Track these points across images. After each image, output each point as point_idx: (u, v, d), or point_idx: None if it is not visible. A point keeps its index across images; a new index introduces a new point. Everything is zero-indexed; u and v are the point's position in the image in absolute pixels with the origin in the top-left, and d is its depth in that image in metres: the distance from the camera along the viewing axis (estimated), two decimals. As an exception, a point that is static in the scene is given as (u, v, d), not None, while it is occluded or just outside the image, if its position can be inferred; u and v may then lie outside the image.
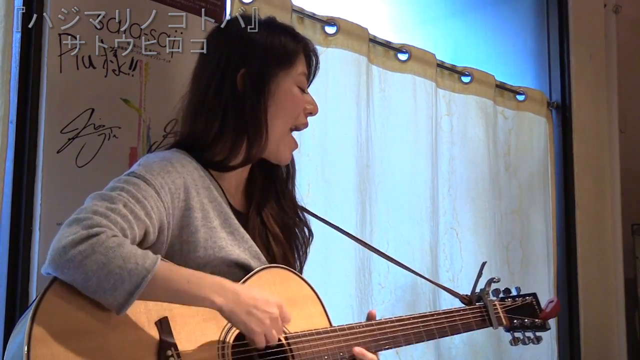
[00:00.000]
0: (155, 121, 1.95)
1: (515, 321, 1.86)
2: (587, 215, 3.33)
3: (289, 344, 1.44)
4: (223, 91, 1.55)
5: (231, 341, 1.39)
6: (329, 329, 1.53)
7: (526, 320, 1.87)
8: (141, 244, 1.38)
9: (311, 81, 1.71)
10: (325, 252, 2.27)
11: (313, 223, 1.81)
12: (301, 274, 1.65)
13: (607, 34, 3.58)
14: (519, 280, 3.05)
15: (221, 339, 1.38)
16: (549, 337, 3.11)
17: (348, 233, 1.86)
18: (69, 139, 1.78)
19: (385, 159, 2.56)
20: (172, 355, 1.29)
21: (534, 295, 1.93)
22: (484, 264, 1.89)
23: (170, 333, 1.31)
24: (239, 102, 1.54)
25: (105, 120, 1.84)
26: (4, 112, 1.71)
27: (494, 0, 3.43)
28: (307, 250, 1.72)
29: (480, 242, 2.87)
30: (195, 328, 1.35)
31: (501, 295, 1.91)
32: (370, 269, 2.42)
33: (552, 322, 3.11)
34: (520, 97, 3.17)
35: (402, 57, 2.65)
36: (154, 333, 1.30)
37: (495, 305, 1.86)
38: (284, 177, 1.70)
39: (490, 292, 1.87)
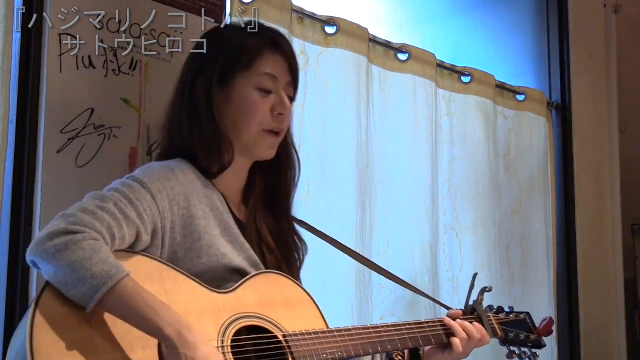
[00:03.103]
0: (155, 121, 1.95)
1: (510, 334, 1.84)
2: (587, 215, 3.33)
3: (287, 342, 1.44)
4: (184, 105, 1.56)
5: (230, 337, 1.40)
6: (326, 329, 1.53)
7: (521, 334, 1.85)
8: (134, 245, 1.39)
9: (293, 72, 1.61)
10: (325, 252, 2.27)
11: (312, 223, 1.81)
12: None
13: (607, 34, 3.58)
14: (519, 280, 3.05)
15: (220, 334, 1.39)
16: (549, 337, 3.10)
17: (345, 247, 1.86)
18: (69, 139, 1.78)
19: (385, 159, 2.56)
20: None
21: (528, 313, 1.92)
22: (475, 275, 1.86)
23: None
24: (197, 114, 1.54)
25: (105, 120, 1.84)
26: (4, 112, 1.71)
27: (494, 0, 3.43)
28: (303, 260, 1.70)
29: (480, 242, 2.87)
30: (194, 324, 1.34)
31: (494, 311, 1.89)
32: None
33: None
34: (520, 97, 3.17)
35: (402, 57, 2.65)
36: None
37: (489, 316, 1.84)
38: (285, 187, 1.67)
39: (483, 301, 1.85)
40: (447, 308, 1.88)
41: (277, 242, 1.65)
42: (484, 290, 1.85)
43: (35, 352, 1.19)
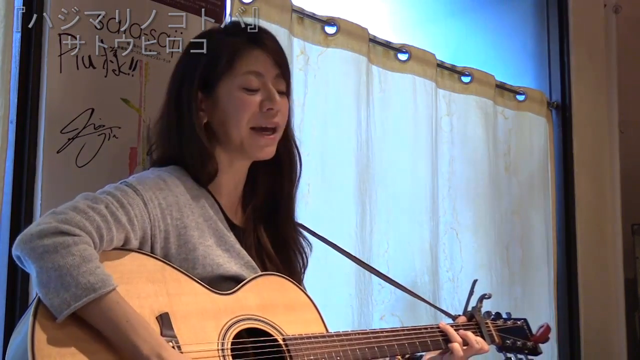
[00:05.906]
0: (155, 121, 1.95)
1: (507, 341, 1.85)
2: (587, 215, 3.33)
3: (286, 345, 1.45)
4: (170, 115, 1.55)
5: (231, 339, 1.40)
6: (325, 333, 1.53)
7: (518, 342, 1.86)
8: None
9: (280, 64, 1.56)
10: (325, 252, 2.27)
11: (312, 223, 1.81)
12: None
13: (607, 34, 3.58)
14: (519, 281, 3.05)
15: (221, 336, 1.39)
16: (550, 336, 3.11)
17: (344, 251, 1.86)
18: (69, 139, 1.78)
19: (385, 159, 2.56)
20: (172, 347, 1.30)
21: (525, 320, 1.92)
22: (475, 282, 1.87)
23: (170, 327, 1.33)
24: (182, 125, 1.53)
25: (105, 120, 1.84)
26: (4, 112, 1.71)
27: (494, 0, 3.43)
28: (307, 262, 1.70)
29: (480, 242, 2.87)
30: (195, 325, 1.36)
31: (492, 317, 1.90)
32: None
33: (552, 322, 3.12)
34: (520, 97, 3.17)
35: (402, 57, 2.65)
36: (155, 327, 1.31)
37: (487, 323, 1.85)
38: (288, 188, 1.66)
39: (481, 308, 1.86)
40: (448, 315, 1.88)
41: (278, 249, 1.64)
42: (482, 298, 1.85)
43: (36, 350, 1.19)
